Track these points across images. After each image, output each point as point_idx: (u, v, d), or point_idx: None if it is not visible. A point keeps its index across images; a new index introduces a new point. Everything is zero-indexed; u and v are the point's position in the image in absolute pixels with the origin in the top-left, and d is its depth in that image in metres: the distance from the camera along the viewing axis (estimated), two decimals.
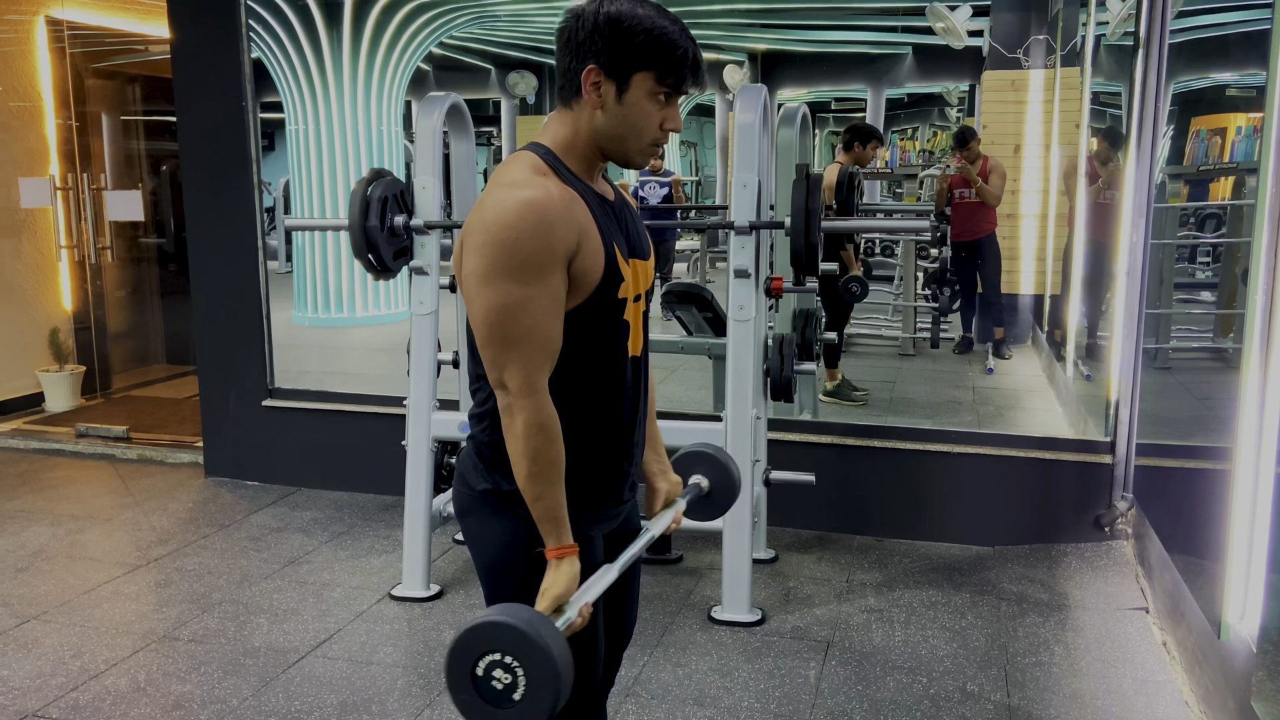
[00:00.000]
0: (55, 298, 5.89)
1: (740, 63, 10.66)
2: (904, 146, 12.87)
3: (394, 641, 3.10)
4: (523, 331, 1.42)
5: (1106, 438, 3.74)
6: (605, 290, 1.49)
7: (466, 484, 1.61)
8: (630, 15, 1.44)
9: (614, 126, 1.48)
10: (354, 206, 3.22)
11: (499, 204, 1.41)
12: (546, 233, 1.40)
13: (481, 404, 1.57)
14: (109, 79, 6.33)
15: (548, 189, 1.43)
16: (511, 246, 1.39)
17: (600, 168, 1.56)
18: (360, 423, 4.41)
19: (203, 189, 4.55)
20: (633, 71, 1.45)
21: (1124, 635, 3.10)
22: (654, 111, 1.48)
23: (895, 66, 10.37)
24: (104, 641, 3.09)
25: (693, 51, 1.47)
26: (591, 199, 1.50)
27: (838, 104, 12.41)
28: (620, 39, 1.44)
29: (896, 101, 11.78)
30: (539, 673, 1.29)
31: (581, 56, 1.46)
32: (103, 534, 4.01)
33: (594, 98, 1.47)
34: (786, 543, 3.88)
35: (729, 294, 3.18)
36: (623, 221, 1.58)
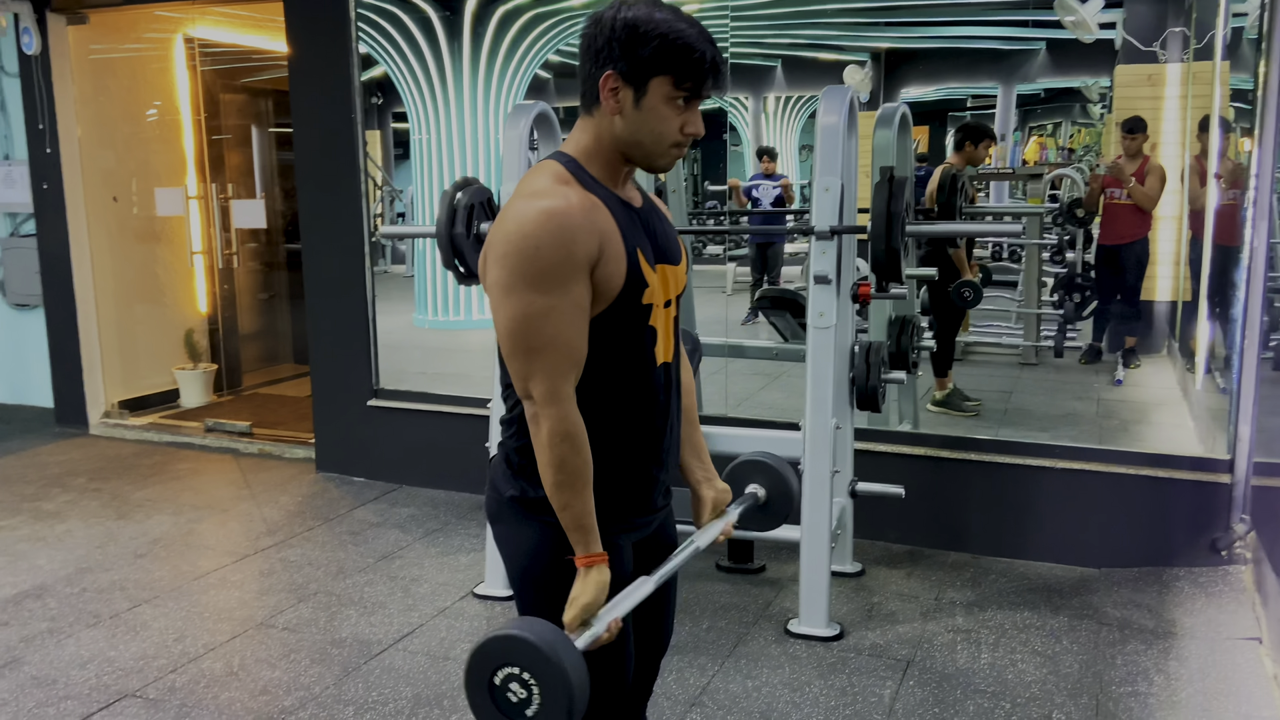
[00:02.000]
0: (191, 300, 6.27)
1: (861, 62, 10.44)
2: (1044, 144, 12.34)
3: (471, 638, 3.17)
4: (546, 340, 1.43)
5: (1227, 455, 3.49)
6: (629, 296, 1.48)
7: (496, 490, 1.63)
8: (646, 20, 1.43)
9: (633, 132, 1.48)
10: (441, 214, 3.31)
11: (520, 214, 1.43)
12: (568, 241, 1.40)
13: (510, 410, 1.59)
14: (240, 94, 6.71)
15: (568, 197, 1.43)
16: (532, 256, 1.40)
17: (626, 173, 1.55)
18: (458, 423, 4.52)
19: (316, 197, 4.76)
20: (650, 76, 1.44)
21: (1232, 666, 2.89)
22: (673, 116, 1.47)
23: (1027, 62, 9.95)
24: (206, 626, 3.27)
25: (710, 54, 1.45)
26: (615, 205, 1.50)
27: (974, 101, 12.01)
28: (636, 44, 1.43)
29: (1032, 97, 11.31)
30: (553, 694, 1.30)
31: (600, 63, 1.46)
32: (218, 524, 4.24)
33: (612, 104, 1.47)
34: (875, 556, 3.77)
35: (809, 300, 3.12)
36: (649, 227, 1.57)
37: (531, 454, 1.56)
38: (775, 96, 10.99)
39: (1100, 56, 8.87)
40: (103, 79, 5.70)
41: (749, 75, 8.27)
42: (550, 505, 1.54)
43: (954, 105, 12.57)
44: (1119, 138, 6.13)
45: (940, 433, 4.14)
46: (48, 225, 5.60)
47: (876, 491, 3.45)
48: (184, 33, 6.02)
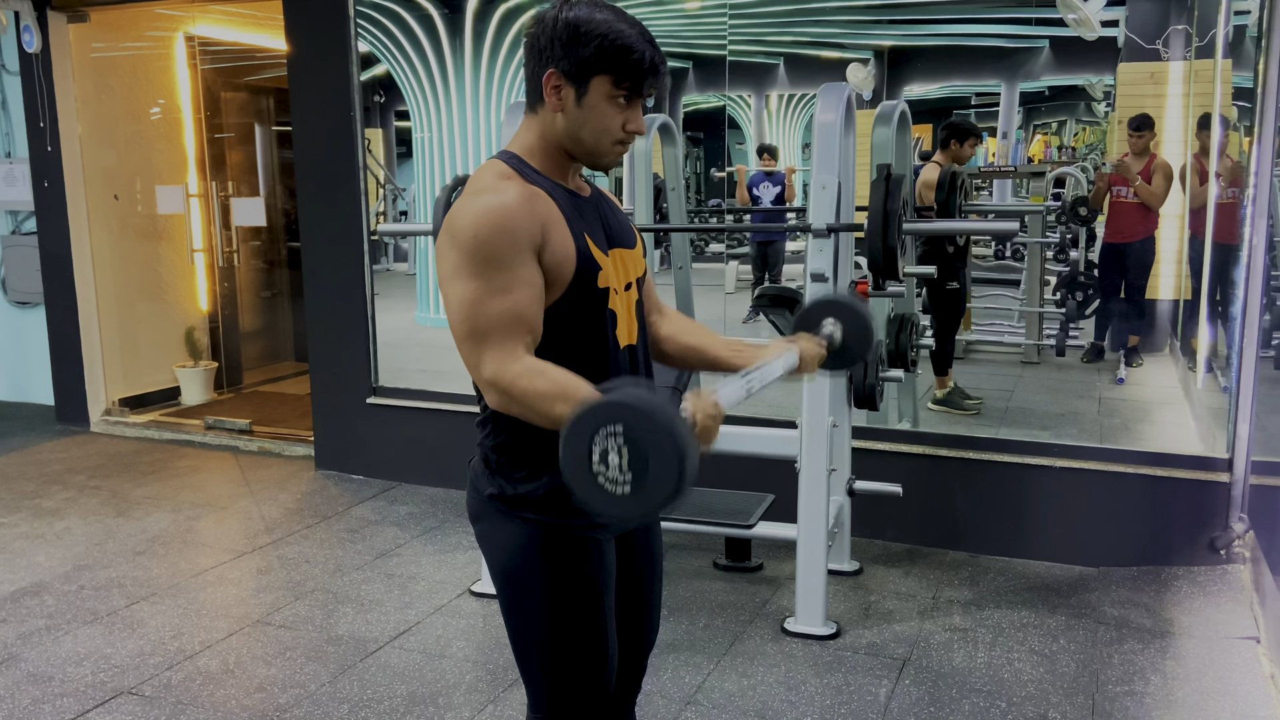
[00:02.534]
0: (191, 298, 6.28)
1: (865, 60, 10.42)
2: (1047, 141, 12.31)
3: (468, 636, 3.17)
4: (492, 322, 1.43)
5: (1226, 454, 3.48)
6: (583, 279, 1.50)
7: (476, 489, 1.63)
8: (587, 20, 1.46)
9: (575, 129, 1.51)
10: (437, 213, 3.31)
11: (463, 209, 1.46)
12: (508, 227, 1.43)
13: (484, 410, 1.59)
14: (240, 91, 6.71)
15: (507, 190, 1.46)
16: (471, 245, 1.43)
17: (574, 168, 1.58)
18: (456, 421, 4.52)
19: (316, 195, 4.76)
20: (591, 75, 1.47)
21: (1229, 666, 2.88)
22: (614, 114, 1.50)
23: (1030, 60, 9.93)
24: (202, 624, 3.27)
25: (650, 55, 1.48)
26: (559, 194, 1.53)
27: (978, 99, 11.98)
28: (577, 43, 1.46)
29: (1037, 95, 11.28)
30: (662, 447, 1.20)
31: (543, 61, 1.49)
32: (217, 521, 4.25)
33: (555, 101, 1.50)
34: (874, 555, 3.76)
35: (807, 298, 3.12)
36: (600, 214, 1.59)
37: (508, 452, 1.57)
38: (778, 94, 10.97)
39: (1103, 54, 8.85)
40: (104, 77, 5.71)
41: (751, 73, 8.25)
42: (531, 501, 1.55)
43: (958, 103, 12.57)
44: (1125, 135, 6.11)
45: (940, 431, 4.13)
46: (48, 223, 5.61)
47: (874, 490, 3.45)
48: (185, 31, 6.02)
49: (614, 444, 1.21)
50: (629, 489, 1.21)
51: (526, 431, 1.53)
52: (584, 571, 1.55)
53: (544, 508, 1.54)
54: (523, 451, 1.55)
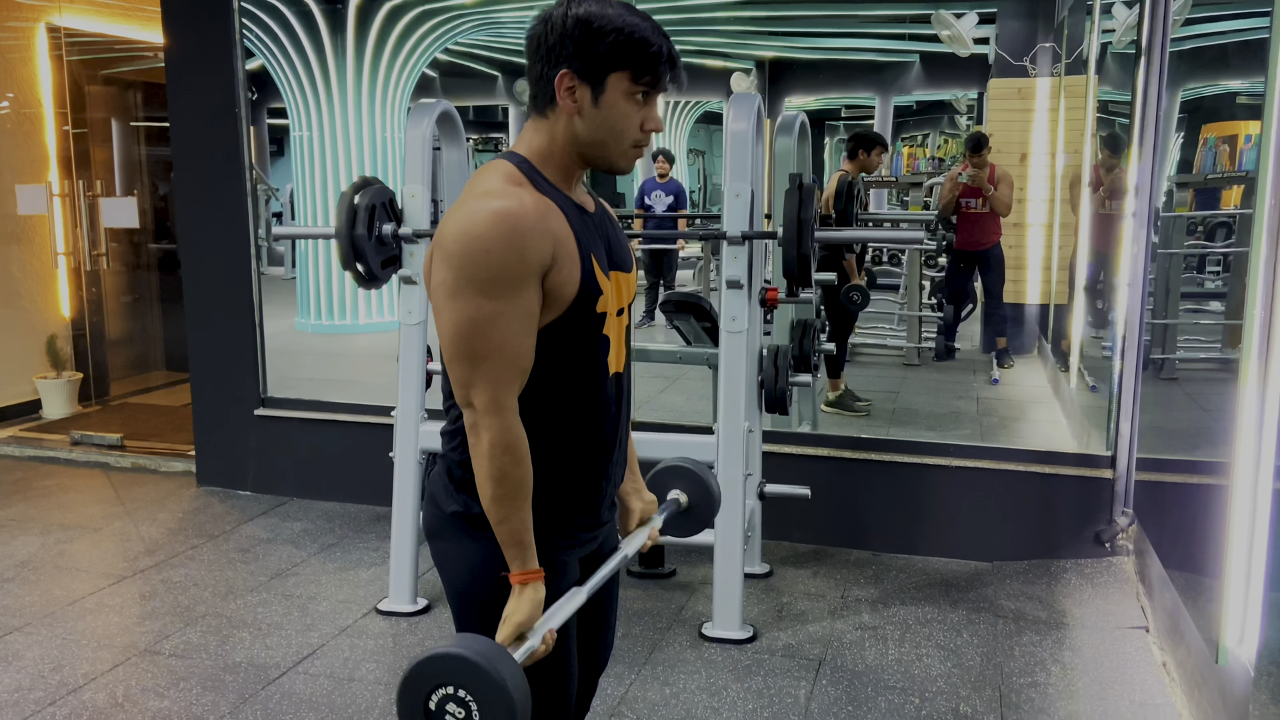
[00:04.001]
0: (53, 304, 5.87)
1: (747, 70, 10.63)
2: (913, 153, 12.82)
3: (377, 658, 3.05)
4: (492, 348, 1.37)
5: (1108, 451, 3.67)
6: (583, 303, 1.44)
7: (436, 505, 1.55)
8: (599, 15, 1.40)
9: (593, 131, 1.43)
10: (340, 215, 3.18)
11: (470, 214, 1.36)
12: (519, 245, 1.35)
13: (454, 421, 1.52)
14: (108, 85, 6.33)
15: (522, 199, 1.38)
16: (482, 259, 1.34)
17: (579, 176, 1.51)
18: (352, 432, 4.37)
19: (196, 195, 4.52)
20: (607, 72, 1.41)
21: (1123, 655, 3.03)
22: (633, 112, 1.43)
23: (903, 74, 10.32)
24: (85, 655, 3.05)
25: (667, 48, 1.43)
26: (570, 209, 1.45)
27: (848, 111, 12.37)
28: (591, 40, 1.39)
29: (905, 109, 11.74)
30: (493, 709, 1.25)
31: (553, 62, 1.42)
32: (91, 544, 3.97)
33: (569, 103, 1.42)
34: (782, 557, 3.81)
35: (721, 305, 3.13)
36: (603, 232, 1.53)
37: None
38: (664, 100, 11.02)
39: (972, 70, 9.26)
40: None
41: None
42: None
43: (831, 114, 12.94)
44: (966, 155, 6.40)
45: (835, 433, 4.23)
46: None
47: (784, 493, 3.49)
48: (48, 21, 5.63)
49: (450, 696, 1.26)
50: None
51: None
52: (550, 595, 1.50)
53: None
54: None
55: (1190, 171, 5.70)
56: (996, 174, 6.23)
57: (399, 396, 3.37)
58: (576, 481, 1.53)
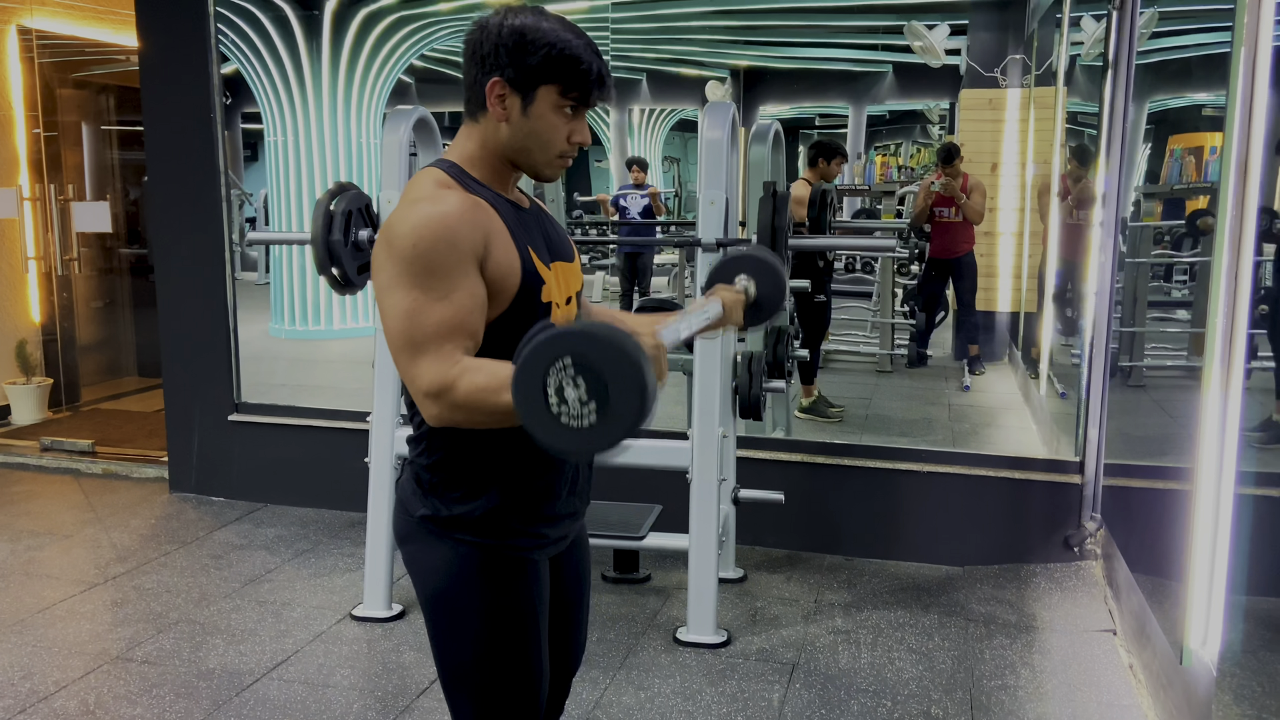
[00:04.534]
0: (23, 309, 5.81)
1: (722, 79, 10.69)
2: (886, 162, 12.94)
3: (352, 663, 3.05)
4: (429, 334, 1.37)
5: (1076, 457, 3.72)
6: (527, 294, 1.47)
7: (406, 510, 1.57)
8: (534, 29, 1.43)
9: (520, 139, 1.48)
10: (317, 221, 3.18)
11: (401, 219, 1.40)
12: (449, 236, 1.38)
13: (418, 427, 1.54)
14: (81, 89, 6.28)
15: (448, 199, 1.42)
16: (410, 254, 1.37)
17: (514, 179, 1.55)
18: (327, 438, 4.36)
19: (170, 200, 4.50)
20: (537, 85, 1.45)
21: (1091, 658, 3.08)
22: (560, 124, 1.47)
23: (876, 84, 10.42)
24: (55, 662, 3.02)
25: (598, 66, 1.47)
26: (502, 205, 1.49)
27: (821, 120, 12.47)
28: (524, 52, 1.43)
29: (878, 118, 11.84)
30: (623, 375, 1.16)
31: (486, 69, 1.45)
32: (61, 551, 3.94)
33: (499, 110, 1.46)
34: (756, 561, 3.84)
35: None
36: (540, 226, 1.57)
37: (443, 471, 1.51)
38: (640, 109, 11.08)
39: (944, 80, 9.37)
40: None
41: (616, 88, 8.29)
42: (466, 523, 1.51)
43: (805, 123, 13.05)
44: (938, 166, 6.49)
45: (809, 439, 4.26)
46: None
47: (758, 498, 3.52)
48: (18, 23, 5.58)
49: (567, 377, 1.17)
50: (594, 418, 1.17)
51: (464, 449, 1.48)
52: (521, 594, 1.52)
53: (481, 529, 1.50)
54: (459, 470, 1.50)
55: (1157, 182, 5.80)
56: (969, 183, 6.31)
57: (374, 402, 3.37)
58: (535, 475, 1.53)
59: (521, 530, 1.53)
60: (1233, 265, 2.18)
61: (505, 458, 1.49)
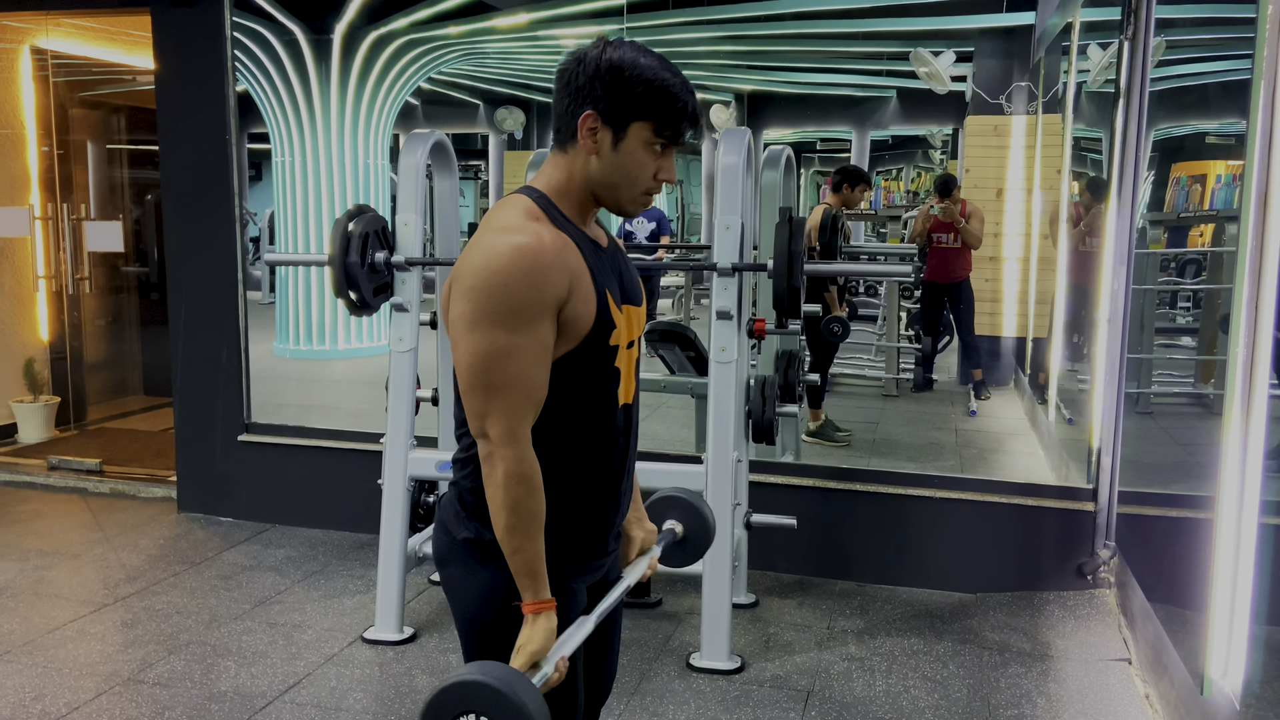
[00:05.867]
0: (32, 328, 5.81)
1: (727, 103, 10.76)
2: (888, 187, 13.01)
3: (364, 687, 3.03)
4: (507, 380, 1.39)
5: (1089, 484, 3.72)
6: (597, 337, 1.47)
7: (447, 531, 1.56)
8: (632, 64, 1.43)
9: (608, 174, 1.47)
10: (335, 242, 3.19)
11: (490, 248, 1.39)
12: (538, 280, 1.38)
13: (466, 449, 1.53)
14: (93, 109, 6.31)
15: (540, 234, 1.41)
16: (501, 293, 1.37)
17: (593, 213, 1.55)
18: (337, 459, 4.35)
19: (184, 220, 4.51)
20: (631, 120, 1.44)
21: (1106, 687, 3.06)
22: (649, 161, 1.47)
23: (880, 109, 10.48)
24: (66, 684, 3.00)
25: (692, 105, 1.46)
26: (585, 244, 1.49)
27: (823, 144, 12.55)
28: (621, 87, 1.43)
29: (881, 143, 11.91)
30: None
31: (580, 101, 1.45)
32: (70, 571, 3.92)
33: (590, 143, 1.46)
34: (768, 587, 3.83)
35: (710, 335, 3.16)
36: (616, 267, 1.56)
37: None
38: None
39: (948, 106, 9.42)
40: None
41: None
42: None
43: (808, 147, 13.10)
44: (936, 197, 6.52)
45: (817, 463, 4.26)
46: None
47: (770, 523, 3.51)
48: (32, 44, 5.62)
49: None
50: None
51: None
52: (562, 621, 1.51)
53: None
54: None
55: (1161, 209, 5.83)
56: (968, 209, 6.34)
57: (388, 423, 3.37)
58: (587, 510, 1.55)
59: (564, 559, 1.52)
60: (1253, 294, 2.19)
61: (555, 487, 1.49)
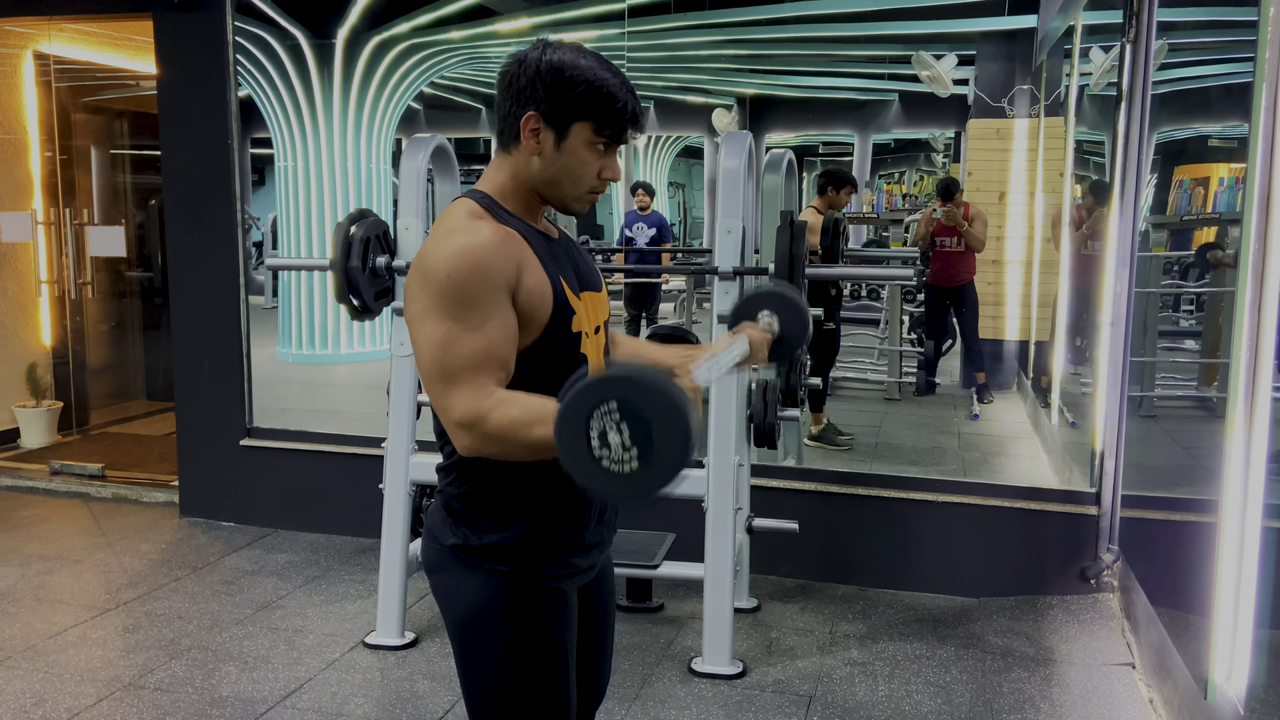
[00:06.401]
0: (34, 333, 5.82)
1: (729, 106, 10.76)
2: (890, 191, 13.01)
3: (365, 692, 3.02)
4: (461, 364, 1.38)
5: (1091, 488, 3.71)
6: (558, 324, 1.47)
7: (435, 539, 1.57)
8: (572, 65, 1.45)
9: (552, 173, 1.49)
10: (336, 247, 3.19)
11: (435, 251, 1.42)
12: (482, 268, 1.39)
13: (449, 457, 1.54)
14: (96, 114, 6.32)
15: (481, 230, 1.43)
16: (445, 285, 1.39)
17: (543, 211, 1.57)
18: (339, 463, 4.35)
19: (186, 224, 4.52)
20: (572, 121, 1.46)
21: (1110, 692, 3.05)
22: (592, 160, 1.49)
23: (882, 112, 10.48)
24: (67, 689, 3.00)
25: (632, 105, 1.48)
26: (533, 236, 1.50)
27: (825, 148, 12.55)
28: (561, 88, 1.44)
29: (883, 146, 11.91)
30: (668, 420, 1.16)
31: (522, 102, 1.47)
32: (72, 575, 3.92)
33: (532, 144, 1.47)
34: (769, 591, 3.82)
35: (712, 339, 3.16)
36: (570, 256, 1.57)
37: (474, 500, 1.51)
38: (647, 136, 11.15)
39: (950, 109, 9.43)
40: None
41: None
42: (497, 552, 1.50)
43: (810, 150, 13.14)
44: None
45: (819, 467, 4.25)
46: None
47: (773, 527, 3.50)
48: (35, 49, 5.63)
49: (611, 422, 1.18)
50: (636, 464, 1.18)
51: (494, 478, 1.48)
52: (551, 624, 1.51)
53: (511, 558, 1.50)
54: (490, 499, 1.50)
55: (1164, 212, 5.82)
56: (971, 212, 6.34)
57: (389, 428, 3.36)
58: (563, 501, 1.52)
59: (552, 560, 1.52)
60: (1256, 297, 2.18)
61: (536, 487, 1.49)
